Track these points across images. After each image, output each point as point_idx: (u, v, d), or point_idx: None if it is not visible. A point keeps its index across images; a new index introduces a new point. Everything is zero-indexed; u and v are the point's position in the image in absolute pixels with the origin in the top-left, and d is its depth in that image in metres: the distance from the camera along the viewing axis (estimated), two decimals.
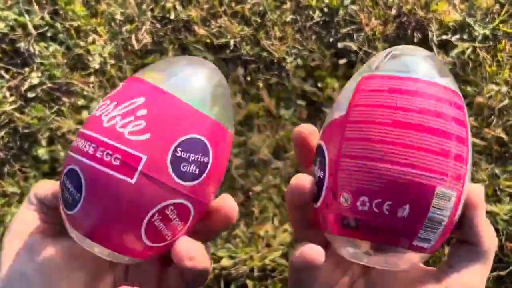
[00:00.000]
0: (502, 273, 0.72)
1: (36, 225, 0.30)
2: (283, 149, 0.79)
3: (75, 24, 0.85)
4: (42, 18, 0.85)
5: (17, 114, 0.81)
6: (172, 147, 0.26)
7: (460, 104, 0.29)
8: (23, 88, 0.82)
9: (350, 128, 0.28)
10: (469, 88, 0.79)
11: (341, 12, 0.83)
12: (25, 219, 0.30)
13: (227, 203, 0.29)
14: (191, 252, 0.26)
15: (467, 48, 0.80)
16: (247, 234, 0.75)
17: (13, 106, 0.81)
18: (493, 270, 0.72)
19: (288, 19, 0.84)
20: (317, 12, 0.84)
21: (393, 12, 0.82)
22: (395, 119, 0.27)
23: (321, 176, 0.29)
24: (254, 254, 0.73)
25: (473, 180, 0.76)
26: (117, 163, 0.26)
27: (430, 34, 0.81)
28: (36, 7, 0.85)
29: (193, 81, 0.29)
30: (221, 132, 0.29)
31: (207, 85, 0.29)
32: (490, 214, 0.73)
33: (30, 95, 0.82)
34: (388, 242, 0.27)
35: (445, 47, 0.81)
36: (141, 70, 0.31)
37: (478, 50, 0.80)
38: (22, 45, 0.83)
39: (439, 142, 0.27)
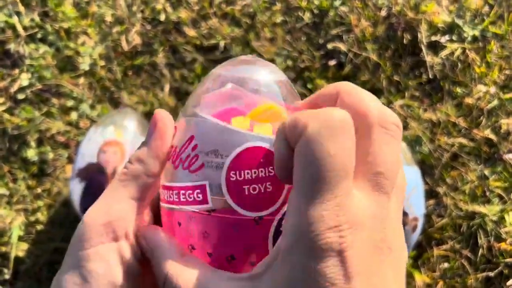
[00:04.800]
0: (491, 274, 0.72)
1: (132, 220, 0.26)
2: None
3: (65, 25, 0.85)
4: (32, 20, 0.85)
5: (6, 115, 0.81)
6: None
7: None
8: (12, 90, 0.82)
9: None
10: (458, 89, 0.79)
11: (331, 13, 0.84)
12: (121, 211, 0.26)
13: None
14: None
15: (456, 49, 0.80)
16: None
17: (3, 108, 0.81)
18: (482, 271, 0.72)
19: (278, 20, 0.84)
20: (307, 13, 0.84)
21: (383, 13, 0.82)
22: None
23: None
24: None
25: (462, 181, 0.76)
26: None
27: (419, 35, 0.81)
28: (22, 8, 0.85)
29: None
30: None
31: None
32: (479, 215, 0.73)
33: (20, 96, 0.82)
34: None
35: (434, 48, 0.81)
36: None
37: (467, 51, 0.80)
38: (12, 46, 0.83)
39: None
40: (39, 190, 0.79)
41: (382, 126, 0.23)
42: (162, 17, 0.86)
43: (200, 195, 0.25)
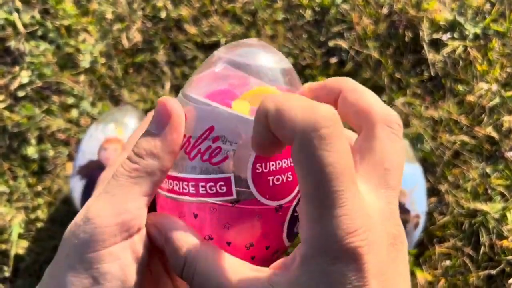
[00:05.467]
0: (493, 271, 0.71)
1: (144, 216, 0.25)
2: None
3: (65, 23, 0.84)
4: (33, 17, 0.84)
5: (6, 113, 0.80)
6: None
7: None
8: (12, 87, 0.81)
9: None
10: (459, 87, 0.79)
11: (332, 11, 0.83)
12: (135, 210, 0.24)
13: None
14: None
15: (458, 47, 0.80)
16: None
17: (3, 105, 0.80)
18: (483, 268, 0.72)
19: (279, 18, 0.84)
20: (308, 11, 0.84)
21: (384, 11, 0.82)
22: None
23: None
24: None
25: (464, 179, 0.76)
26: None
27: (421, 33, 0.80)
28: (22, 5, 0.84)
29: None
30: None
31: None
32: (481, 213, 0.73)
33: (20, 94, 0.81)
34: None
35: (436, 45, 0.81)
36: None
37: (468, 49, 0.80)
38: (12, 44, 0.83)
39: None
40: (39, 187, 0.79)
41: (386, 124, 0.24)
42: (163, 15, 0.85)
43: (224, 188, 0.24)
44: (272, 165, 0.25)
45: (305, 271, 0.21)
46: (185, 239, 0.24)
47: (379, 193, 0.22)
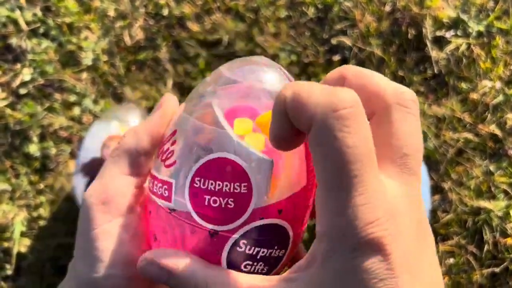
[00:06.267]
0: (496, 269, 0.71)
1: (131, 195, 0.26)
2: None
3: (67, 20, 0.84)
4: (34, 15, 0.84)
5: (8, 110, 0.80)
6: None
7: None
8: (14, 85, 0.81)
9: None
10: (463, 85, 0.78)
11: (335, 8, 0.83)
12: (117, 188, 0.26)
13: None
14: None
15: (461, 45, 0.79)
16: None
17: (5, 103, 0.80)
18: (487, 266, 0.72)
19: (282, 15, 0.84)
20: (311, 8, 0.84)
21: (387, 8, 0.82)
22: None
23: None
24: None
25: (468, 177, 0.76)
26: None
27: (424, 30, 0.80)
28: (24, 2, 0.84)
29: None
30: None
31: None
32: (484, 211, 0.73)
33: (22, 91, 0.81)
34: None
35: (439, 43, 0.80)
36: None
37: (472, 46, 0.79)
38: (14, 41, 0.83)
39: None
40: (41, 185, 0.79)
41: (400, 104, 0.22)
42: (165, 12, 0.85)
43: (166, 192, 0.24)
44: (211, 184, 0.23)
45: (326, 269, 0.20)
46: (190, 268, 0.23)
47: (401, 180, 0.21)
